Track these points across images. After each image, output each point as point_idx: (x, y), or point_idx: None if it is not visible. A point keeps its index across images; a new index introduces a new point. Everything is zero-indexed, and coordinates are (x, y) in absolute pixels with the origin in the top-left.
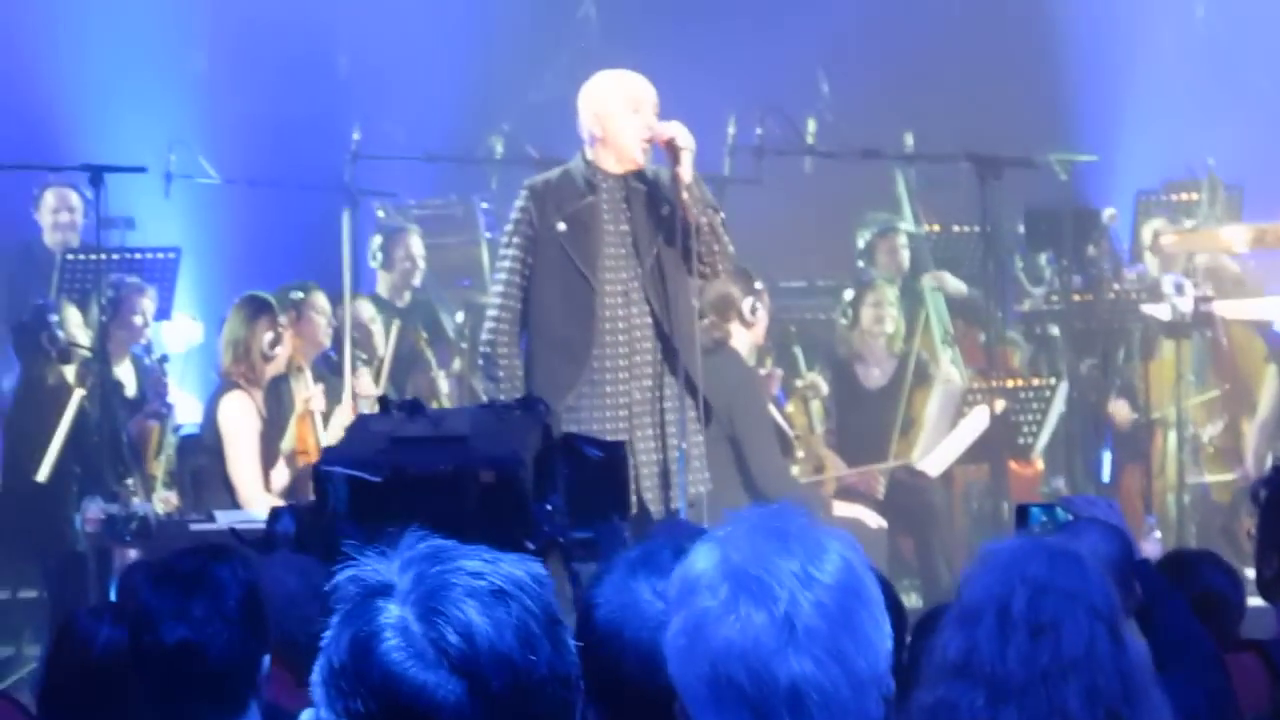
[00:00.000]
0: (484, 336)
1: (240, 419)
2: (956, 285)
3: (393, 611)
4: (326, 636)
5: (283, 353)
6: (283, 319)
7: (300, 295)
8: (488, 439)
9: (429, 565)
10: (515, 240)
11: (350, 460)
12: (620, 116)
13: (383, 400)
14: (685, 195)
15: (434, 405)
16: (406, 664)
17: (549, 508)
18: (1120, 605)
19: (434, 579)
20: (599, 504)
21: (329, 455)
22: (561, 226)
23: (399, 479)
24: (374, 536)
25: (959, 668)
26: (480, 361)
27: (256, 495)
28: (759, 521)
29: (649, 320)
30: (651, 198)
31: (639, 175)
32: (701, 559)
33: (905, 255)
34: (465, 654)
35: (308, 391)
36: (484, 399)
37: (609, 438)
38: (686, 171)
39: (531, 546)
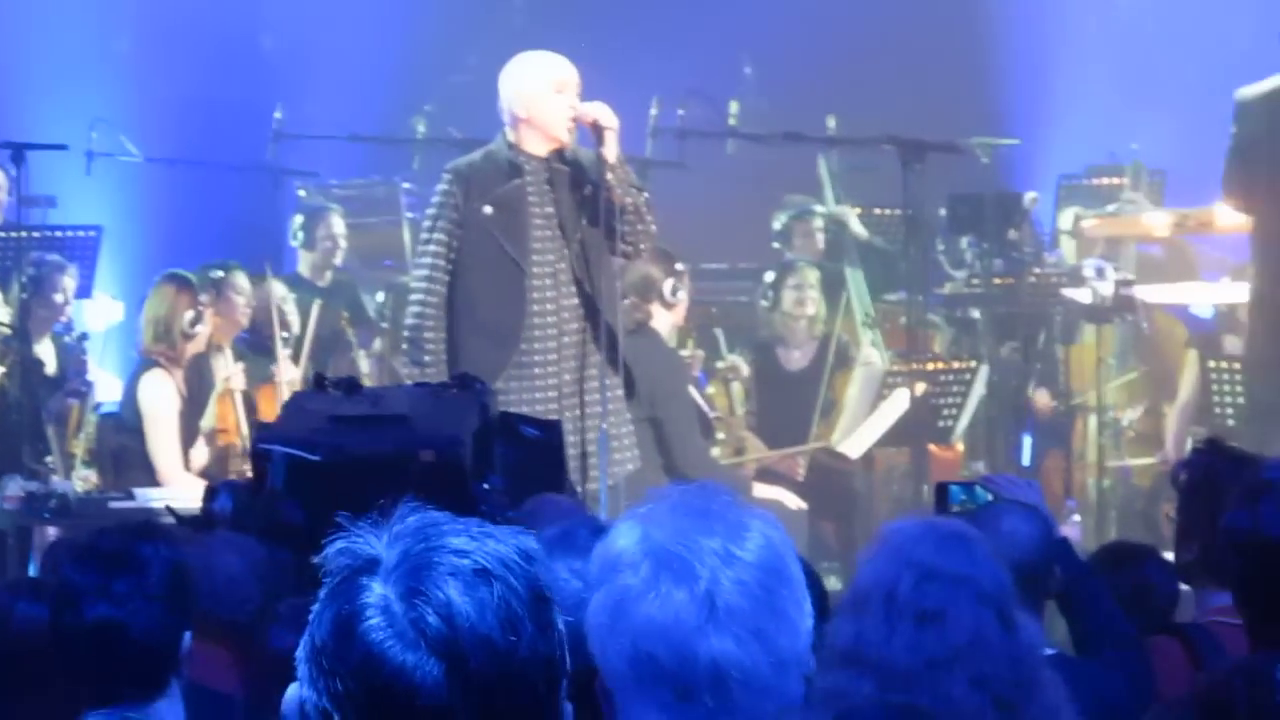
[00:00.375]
0: (409, 321)
1: (160, 397)
2: (859, 229)
3: (376, 590)
4: (311, 612)
5: (203, 331)
6: (203, 298)
7: (220, 274)
8: (427, 418)
9: (416, 542)
10: (440, 224)
11: (289, 439)
12: (544, 97)
13: (318, 378)
14: (610, 176)
15: None
16: (386, 644)
17: (487, 487)
18: (1011, 589)
19: (418, 557)
20: (536, 483)
21: (267, 433)
22: (488, 210)
23: (339, 458)
24: (312, 515)
25: (848, 655)
26: (405, 346)
27: (176, 473)
28: (681, 500)
29: (576, 302)
30: (575, 178)
31: (561, 156)
32: (623, 537)
33: (821, 239)
34: (445, 635)
35: (228, 370)
36: (406, 381)
37: None
38: (611, 151)
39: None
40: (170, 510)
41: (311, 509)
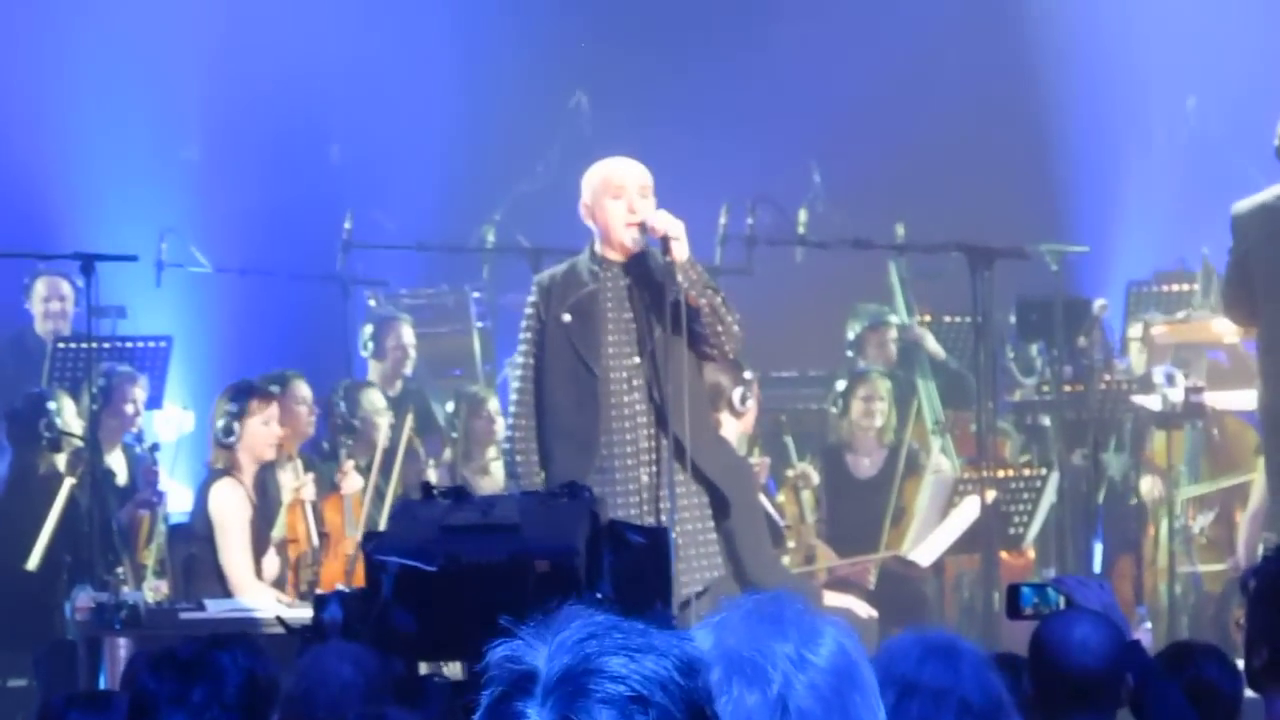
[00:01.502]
0: (504, 434)
1: (231, 507)
2: (935, 348)
3: (531, 717)
4: None
5: (270, 440)
6: (269, 408)
7: (280, 386)
8: (539, 527)
9: (575, 660)
10: (526, 336)
11: (403, 549)
12: (603, 204)
13: (425, 486)
14: (680, 278)
15: None
16: None
17: (599, 596)
18: (1003, 700)
19: (575, 681)
20: (643, 591)
21: (381, 544)
22: (566, 317)
23: (453, 568)
24: (424, 624)
25: None
26: (504, 458)
27: (248, 582)
28: (754, 607)
29: (650, 407)
30: (652, 284)
31: (639, 261)
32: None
33: (894, 348)
34: None
35: (298, 480)
36: (479, 490)
37: None
38: (679, 254)
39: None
40: (280, 620)
41: (423, 618)
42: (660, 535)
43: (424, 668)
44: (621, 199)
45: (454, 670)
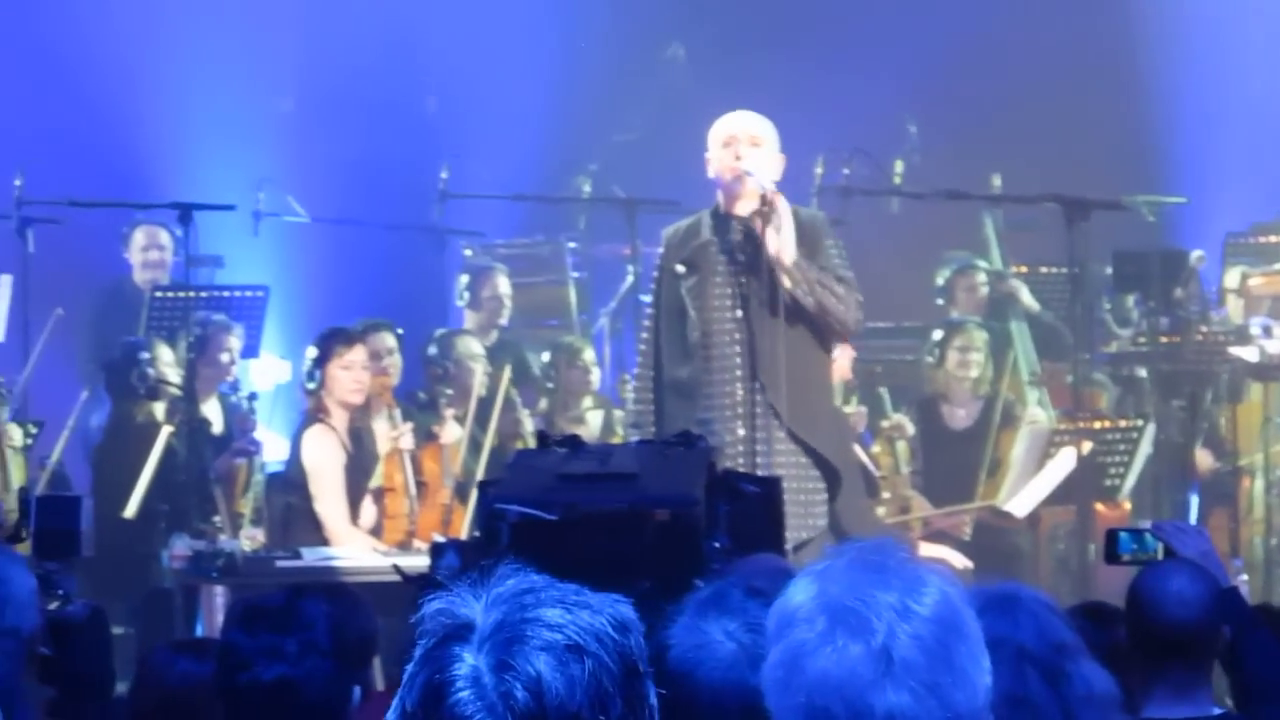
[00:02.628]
0: (632, 383)
1: (324, 453)
2: (1030, 301)
3: (467, 660)
4: (405, 675)
5: (353, 386)
6: (350, 353)
7: (370, 332)
8: (657, 476)
9: (511, 611)
10: (652, 288)
11: (521, 497)
12: (715, 154)
13: (542, 435)
14: (786, 280)
15: (519, 444)
16: (475, 717)
17: (717, 545)
18: (1064, 644)
19: (512, 629)
20: (756, 540)
21: (500, 492)
22: (680, 269)
23: (571, 516)
24: (544, 573)
25: None
26: (631, 407)
27: (343, 529)
28: (857, 555)
29: (750, 362)
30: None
31: (759, 214)
32: (799, 592)
33: (984, 292)
34: (532, 710)
35: (396, 429)
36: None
37: None
38: (786, 254)
39: (701, 585)
40: (396, 568)
41: (541, 567)
42: (773, 485)
43: None
44: (731, 147)
45: None
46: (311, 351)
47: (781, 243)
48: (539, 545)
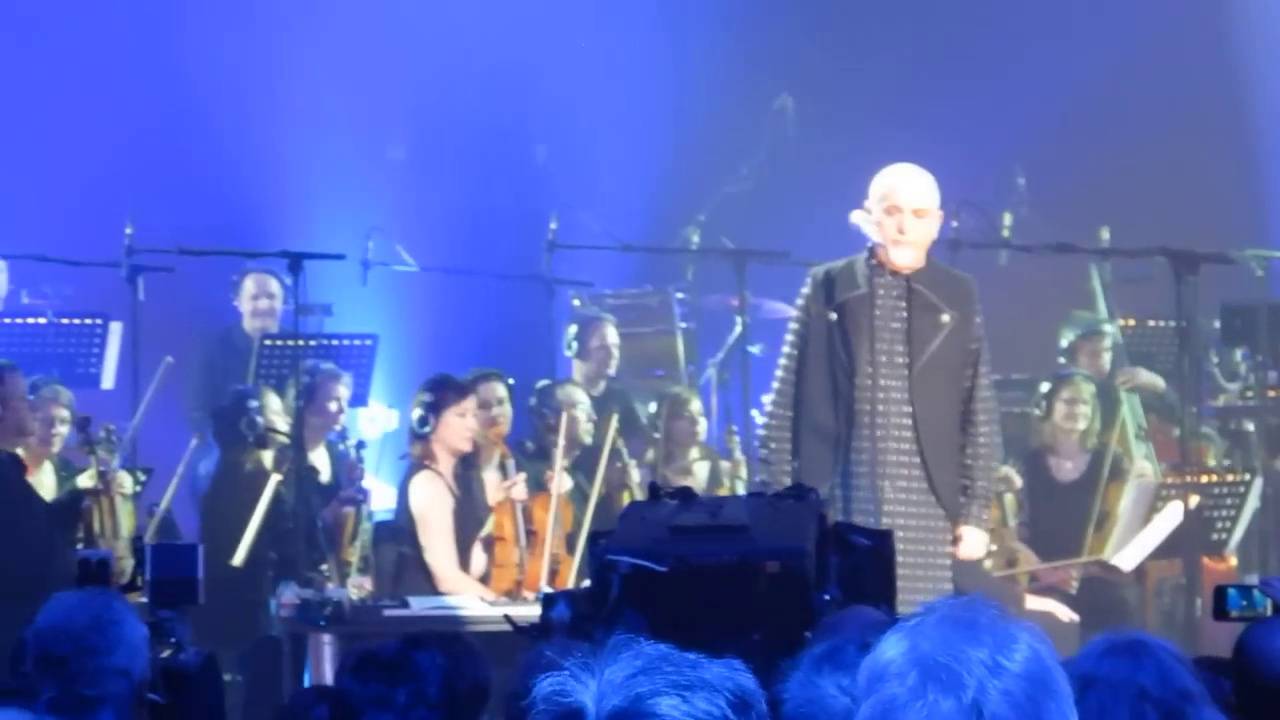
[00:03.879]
0: (760, 420)
1: (432, 500)
2: (1151, 380)
3: None
4: None
5: (465, 434)
6: (465, 401)
7: (481, 381)
8: (768, 529)
9: (624, 704)
10: (793, 327)
11: (633, 549)
12: (879, 215)
13: (653, 487)
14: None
15: (625, 495)
16: None
17: (827, 598)
18: (1191, 690)
19: None
20: (867, 594)
21: (611, 543)
22: (833, 315)
23: (682, 569)
24: (655, 624)
25: None
26: (757, 444)
27: (453, 574)
28: (948, 611)
29: (908, 421)
30: (925, 304)
31: (925, 275)
32: (890, 647)
33: (1108, 358)
34: None
35: (509, 478)
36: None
37: None
38: (975, 553)
39: (810, 637)
40: (508, 619)
41: (653, 619)
42: (884, 539)
43: None
44: (894, 217)
45: None
46: (425, 397)
47: (972, 546)
48: (650, 597)
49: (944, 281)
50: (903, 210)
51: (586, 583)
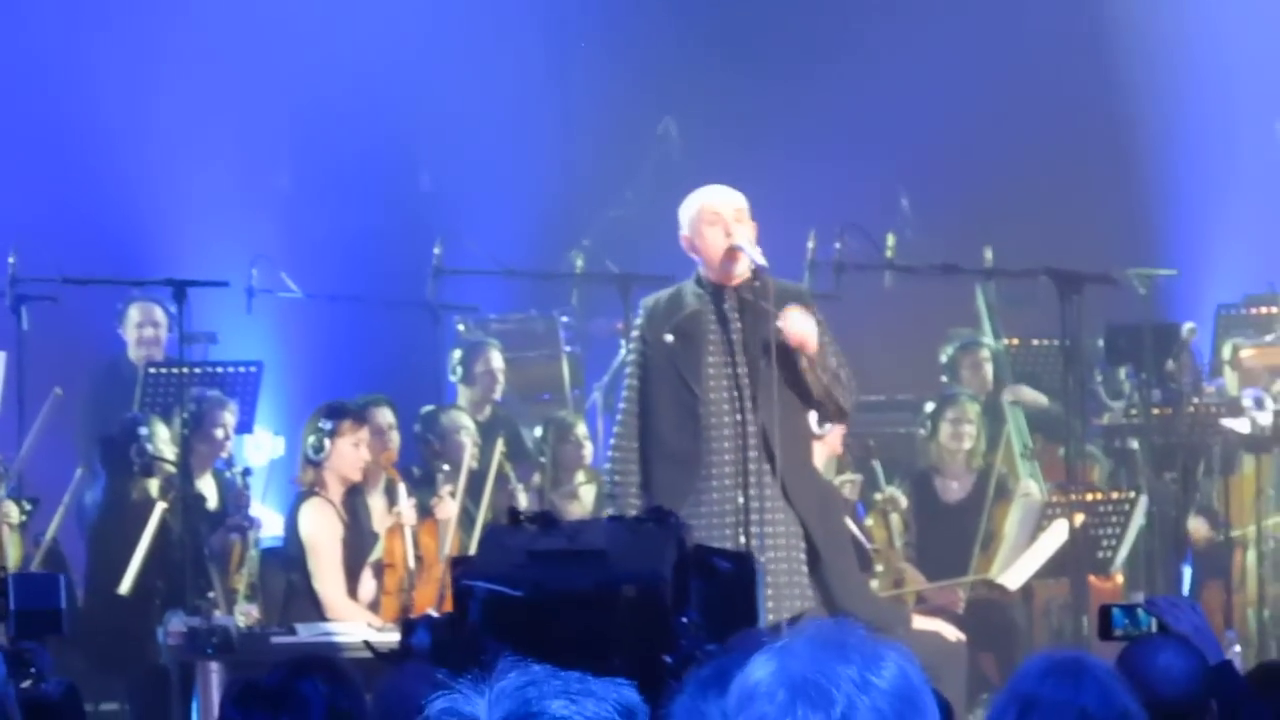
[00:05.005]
0: (608, 454)
1: (322, 528)
2: (1034, 397)
3: None
4: None
5: (357, 463)
6: (360, 430)
7: (365, 408)
8: (626, 553)
9: (516, 706)
10: (631, 359)
11: (490, 575)
12: (701, 233)
13: (513, 512)
14: (807, 373)
15: None
16: None
17: (686, 621)
18: (1130, 712)
19: None
20: (729, 616)
21: (467, 569)
22: (668, 338)
23: (540, 594)
24: (514, 651)
25: None
26: (605, 477)
27: (341, 602)
28: (817, 632)
29: (751, 430)
30: (756, 310)
31: (753, 285)
32: (759, 668)
33: (989, 370)
34: None
35: (398, 504)
36: (569, 515)
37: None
38: (809, 342)
39: (669, 662)
40: (367, 644)
41: (512, 645)
42: (746, 561)
43: None
44: (717, 225)
45: None
46: (321, 424)
47: (807, 330)
48: (508, 623)
49: (773, 288)
50: (723, 215)
51: None
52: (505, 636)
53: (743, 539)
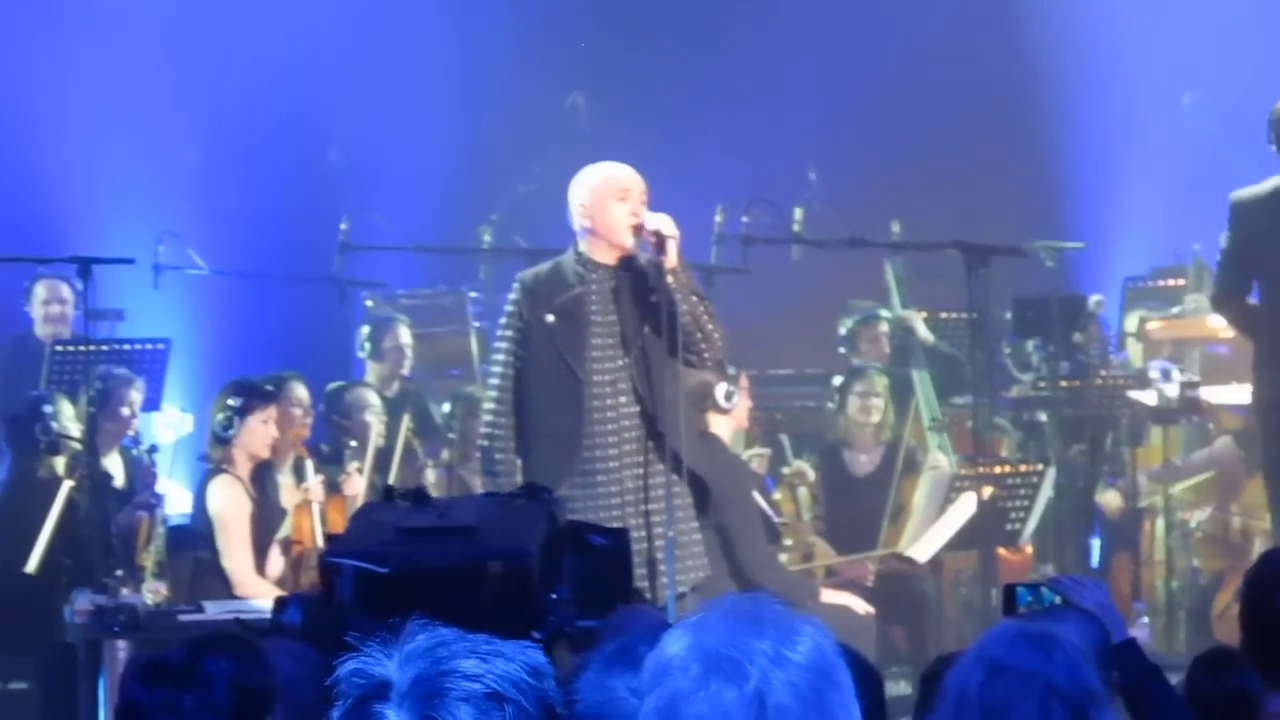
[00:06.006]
0: (481, 430)
1: (229, 503)
2: (925, 333)
3: (390, 717)
4: None
5: (267, 440)
6: (269, 408)
7: (276, 387)
8: (495, 529)
9: (428, 665)
10: (506, 334)
11: (357, 551)
12: (605, 205)
13: (387, 489)
14: (670, 279)
15: None
16: None
17: (555, 597)
18: (1097, 692)
19: (431, 682)
20: (604, 592)
21: (336, 546)
22: (549, 318)
23: (407, 571)
24: (382, 628)
25: None
26: (479, 455)
27: (249, 579)
28: (732, 607)
29: (636, 409)
30: (639, 287)
31: (627, 264)
32: (674, 642)
33: (887, 343)
34: None
35: (307, 480)
36: (477, 491)
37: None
38: (671, 258)
39: (538, 637)
40: (239, 622)
41: (381, 621)
42: (621, 537)
43: None
44: (626, 202)
45: None
46: (231, 401)
47: (670, 248)
48: (377, 599)
49: (645, 265)
50: (632, 193)
51: None
52: (373, 613)
53: (634, 519)
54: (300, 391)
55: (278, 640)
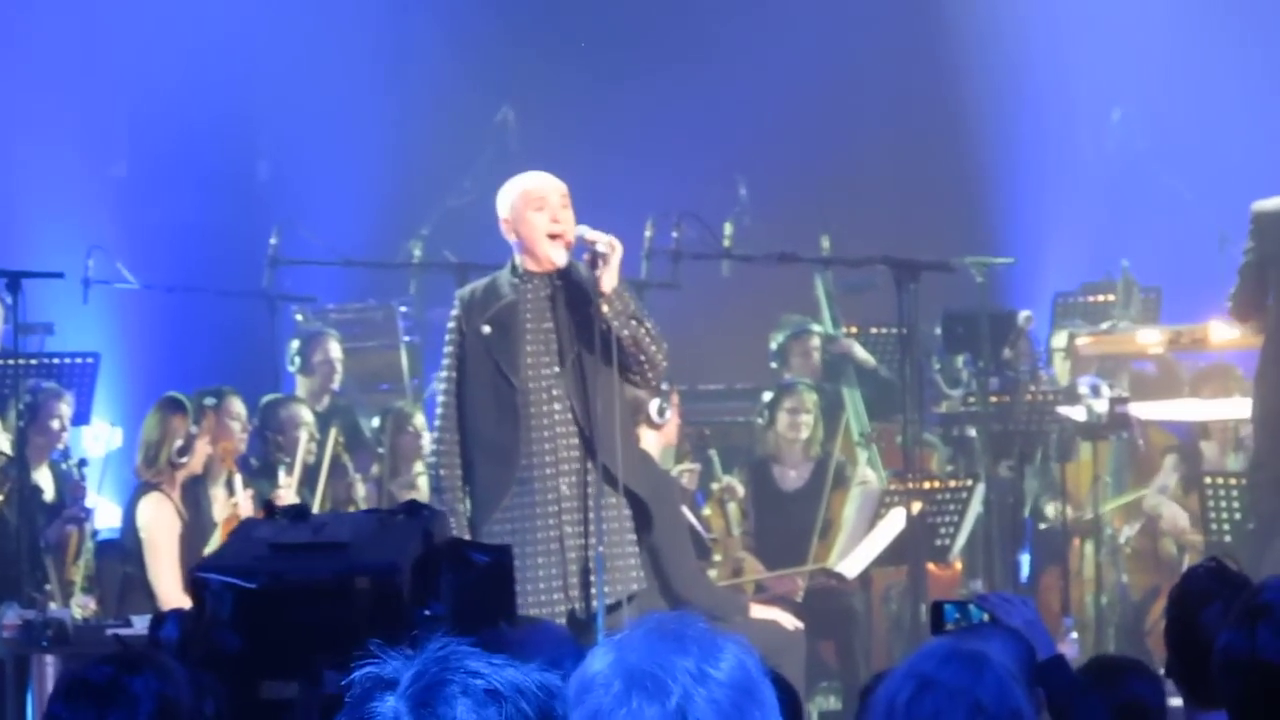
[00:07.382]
0: (429, 447)
1: (159, 521)
2: (864, 356)
3: (388, 704)
4: None
5: (198, 455)
6: (199, 423)
7: (214, 400)
8: (367, 545)
9: (435, 664)
10: (448, 350)
11: (228, 567)
12: (522, 215)
13: (268, 505)
14: (605, 308)
15: (351, 510)
16: None
17: (428, 614)
18: (1023, 713)
19: (433, 676)
20: (484, 609)
21: (207, 562)
22: (485, 329)
23: (276, 586)
24: (253, 643)
25: None
26: (429, 471)
27: (176, 597)
28: (655, 625)
29: (571, 417)
30: (576, 296)
31: (564, 273)
32: (598, 660)
33: (818, 357)
34: None
35: (234, 495)
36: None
37: (540, 536)
38: (606, 282)
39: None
40: (118, 639)
41: (252, 637)
42: (504, 554)
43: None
44: (544, 210)
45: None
46: (185, 423)
47: (607, 270)
48: (248, 615)
49: (581, 273)
50: (549, 200)
51: None
52: (244, 628)
53: (570, 528)
54: (238, 406)
55: (167, 662)
